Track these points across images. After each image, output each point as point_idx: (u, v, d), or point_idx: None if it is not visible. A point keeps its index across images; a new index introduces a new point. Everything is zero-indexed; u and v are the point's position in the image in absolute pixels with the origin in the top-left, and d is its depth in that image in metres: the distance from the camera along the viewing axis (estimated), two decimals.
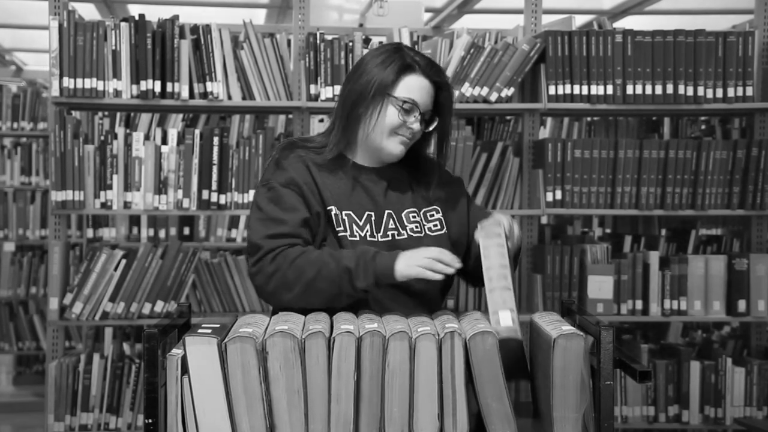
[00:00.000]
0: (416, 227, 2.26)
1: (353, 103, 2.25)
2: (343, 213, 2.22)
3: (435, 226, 2.29)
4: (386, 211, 2.26)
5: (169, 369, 1.79)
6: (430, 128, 2.29)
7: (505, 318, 1.92)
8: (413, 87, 2.23)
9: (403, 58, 2.24)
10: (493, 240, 2.09)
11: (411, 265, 2.09)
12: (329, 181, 2.24)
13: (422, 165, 2.36)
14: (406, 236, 2.25)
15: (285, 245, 2.15)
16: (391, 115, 2.22)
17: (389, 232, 2.24)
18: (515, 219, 4.57)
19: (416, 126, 2.23)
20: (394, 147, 2.24)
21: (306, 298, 2.12)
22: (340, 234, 2.20)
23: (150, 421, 1.77)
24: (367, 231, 2.23)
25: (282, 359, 1.78)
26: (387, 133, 2.23)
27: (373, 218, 2.24)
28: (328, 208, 2.21)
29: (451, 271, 2.09)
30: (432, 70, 2.26)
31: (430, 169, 2.37)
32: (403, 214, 2.27)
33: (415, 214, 2.28)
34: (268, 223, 2.17)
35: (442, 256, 2.10)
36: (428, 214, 2.31)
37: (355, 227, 2.22)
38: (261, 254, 2.15)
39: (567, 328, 1.82)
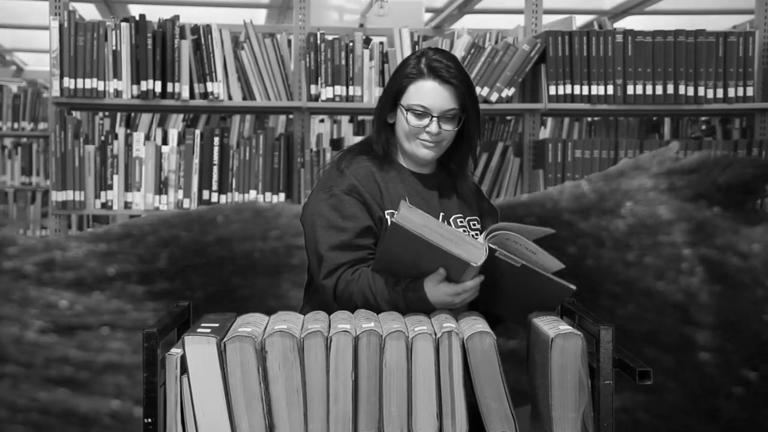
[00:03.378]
0: (463, 231, 2.29)
1: (380, 110, 2.32)
2: None
3: (477, 235, 2.31)
4: (440, 214, 2.30)
5: (168, 368, 1.79)
6: (457, 127, 2.28)
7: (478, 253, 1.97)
8: (423, 92, 2.24)
9: (417, 65, 2.26)
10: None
11: (443, 302, 2.05)
12: (390, 185, 2.27)
13: (465, 180, 2.38)
14: None
15: (348, 262, 2.15)
16: (405, 121, 2.25)
17: None
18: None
19: (434, 129, 2.23)
20: (418, 150, 2.27)
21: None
22: None
23: (149, 420, 1.77)
24: None
25: (281, 358, 1.78)
26: (408, 138, 2.27)
27: None
28: (388, 212, 2.23)
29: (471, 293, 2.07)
30: (444, 72, 2.24)
31: (474, 191, 2.41)
32: (451, 219, 2.31)
33: (462, 220, 2.33)
34: (330, 231, 2.19)
35: (463, 289, 2.05)
36: (471, 222, 2.35)
37: None
38: (326, 271, 2.16)
39: (565, 327, 1.82)
